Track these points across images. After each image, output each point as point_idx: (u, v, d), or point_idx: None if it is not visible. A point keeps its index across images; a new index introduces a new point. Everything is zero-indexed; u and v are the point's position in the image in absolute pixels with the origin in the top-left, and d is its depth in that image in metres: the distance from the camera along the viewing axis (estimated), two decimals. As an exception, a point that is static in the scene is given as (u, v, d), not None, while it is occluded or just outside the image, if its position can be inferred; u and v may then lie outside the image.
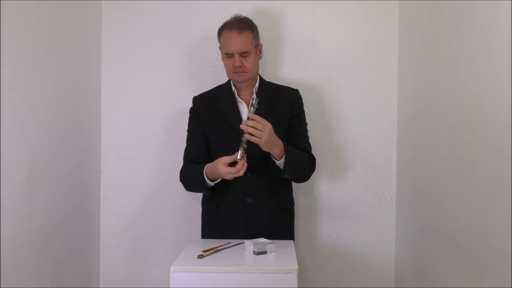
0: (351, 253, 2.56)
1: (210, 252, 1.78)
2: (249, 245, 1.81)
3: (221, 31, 2.17)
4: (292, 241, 2.00)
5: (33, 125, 1.93)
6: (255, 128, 1.89)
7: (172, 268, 1.64)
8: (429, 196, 2.11)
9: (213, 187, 2.07)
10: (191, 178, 2.12)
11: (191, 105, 2.27)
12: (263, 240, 1.85)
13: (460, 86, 1.80)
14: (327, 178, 2.55)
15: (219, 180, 2.04)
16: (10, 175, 1.76)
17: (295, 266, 1.65)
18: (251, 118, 1.91)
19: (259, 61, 2.23)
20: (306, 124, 2.27)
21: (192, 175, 2.12)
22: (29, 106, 1.90)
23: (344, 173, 2.57)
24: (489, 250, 1.58)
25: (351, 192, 2.56)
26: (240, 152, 1.93)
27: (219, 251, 1.82)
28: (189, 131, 2.25)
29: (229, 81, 2.24)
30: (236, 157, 1.93)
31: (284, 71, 2.55)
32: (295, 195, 2.34)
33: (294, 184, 2.31)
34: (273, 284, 1.62)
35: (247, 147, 1.93)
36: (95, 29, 2.53)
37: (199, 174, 2.04)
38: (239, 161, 1.92)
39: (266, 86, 2.25)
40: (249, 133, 1.89)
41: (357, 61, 2.55)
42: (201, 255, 1.75)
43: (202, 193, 2.22)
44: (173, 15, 2.56)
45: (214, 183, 2.05)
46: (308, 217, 2.56)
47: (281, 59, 2.55)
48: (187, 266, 1.66)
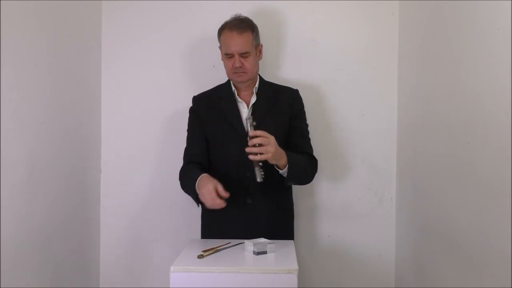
0: (351, 253, 2.56)
1: (210, 252, 1.78)
2: (249, 245, 1.80)
3: (221, 31, 2.16)
4: (292, 241, 2.00)
5: (33, 125, 1.93)
6: (261, 144, 1.89)
7: (172, 268, 1.64)
8: (429, 196, 2.11)
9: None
10: (186, 186, 2.09)
11: (191, 105, 2.27)
12: (263, 240, 1.85)
13: (460, 86, 1.80)
14: (327, 178, 2.55)
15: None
16: (10, 175, 1.76)
17: (295, 266, 1.65)
18: (254, 135, 1.90)
19: (259, 61, 2.23)
20: (307, 125, 2.27)
21: (186, 181, 2.08)
22: (29, 106, 1.90)
23: (344, 173, 2.57)
24: (489, 250, 1.58)
25: (351, 192, 2.56)
26: (260, 174, 1.93)
27: (219, 251, 1.82)
28: (189, 130, 2.25)
29: (229, 81, 2.24)
30: (227, 195, 1.89)
31: (284, 71, 2.55)
32: (295, 195, 2.34)
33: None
34: (273, 284, 1.62)
35: (262, 164, 1.94)
36: (95, 29, 2.53)
37: (191, 182, 1.99)
38: (224, 197, 1.87)
39: (266, 86, 2.25)
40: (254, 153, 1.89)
41: (357, 61, 2.55)
42: (201, 255, 1.75)
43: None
44: (173, 15, 2.56)
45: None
46: (308, 217, 2.55)
47: (281, 59, 2.55)
48: (187, 266, 1.66)
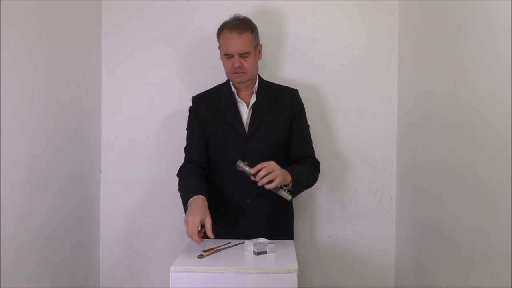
0: (351, 253, 2.56)
1: (210, 252, 1.78)
2: (249, 245, 1.80)
3: (220, 31, 2.16)
4: (292, 241, 2.00)
5: (33, 125, 1.93)
6: (267, 174, 1.90)
7: (172, 268, 1.64)
8: (429, 196, 2.11)
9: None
10: (181, 192, 2.08)
11: (191, 105, 2.27)
12: (263, 240, 1.84)
13: (460, 86, 1.80)
14: (327, 178, 2.55)
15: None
16: (10, 175, 1.76)
17: (295, 266, 1.65)
18: (255, 170, 1.91)
19: (259, 61, 2.23)
20: (308, 125, 2.27)
21: (182, 188, 2.07)
22: (29, 106, 1.90)
23: (344, 173, 2.57)
24: (489, 250, 1.58)
25: (351, 192, 2.56)
26: (286, 194, 1.98)
27: (219, 251, 1.82)
28: (188, 129, 2.25)
29: (228, 81, 2.23)
30: (212, 237, 1.84)
31: (284, 71, 2.55)
32: (295, 195, 2.34)
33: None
34: (273, 284, 1.62)
35: (285, 187, 1.98)
36: (95, 29, 2.53)
37: (187, 195, 1.98)
38: (200, 231, 1.84)
39: (265, 86, 2.25)
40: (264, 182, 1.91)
41: (357, 61, 2.55)
42: (201, 255, 1.75)
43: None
44: (173, 15, 2.56)
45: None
46: (308, 217, 2.56)
47: (281, 59, 2.55)
48: (187, 266, 1.66)
